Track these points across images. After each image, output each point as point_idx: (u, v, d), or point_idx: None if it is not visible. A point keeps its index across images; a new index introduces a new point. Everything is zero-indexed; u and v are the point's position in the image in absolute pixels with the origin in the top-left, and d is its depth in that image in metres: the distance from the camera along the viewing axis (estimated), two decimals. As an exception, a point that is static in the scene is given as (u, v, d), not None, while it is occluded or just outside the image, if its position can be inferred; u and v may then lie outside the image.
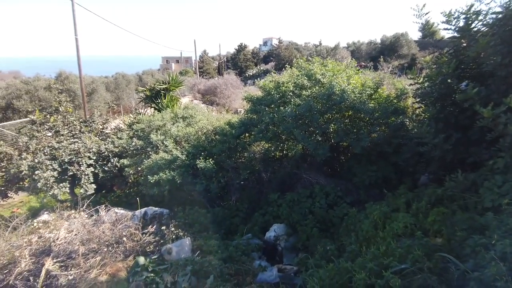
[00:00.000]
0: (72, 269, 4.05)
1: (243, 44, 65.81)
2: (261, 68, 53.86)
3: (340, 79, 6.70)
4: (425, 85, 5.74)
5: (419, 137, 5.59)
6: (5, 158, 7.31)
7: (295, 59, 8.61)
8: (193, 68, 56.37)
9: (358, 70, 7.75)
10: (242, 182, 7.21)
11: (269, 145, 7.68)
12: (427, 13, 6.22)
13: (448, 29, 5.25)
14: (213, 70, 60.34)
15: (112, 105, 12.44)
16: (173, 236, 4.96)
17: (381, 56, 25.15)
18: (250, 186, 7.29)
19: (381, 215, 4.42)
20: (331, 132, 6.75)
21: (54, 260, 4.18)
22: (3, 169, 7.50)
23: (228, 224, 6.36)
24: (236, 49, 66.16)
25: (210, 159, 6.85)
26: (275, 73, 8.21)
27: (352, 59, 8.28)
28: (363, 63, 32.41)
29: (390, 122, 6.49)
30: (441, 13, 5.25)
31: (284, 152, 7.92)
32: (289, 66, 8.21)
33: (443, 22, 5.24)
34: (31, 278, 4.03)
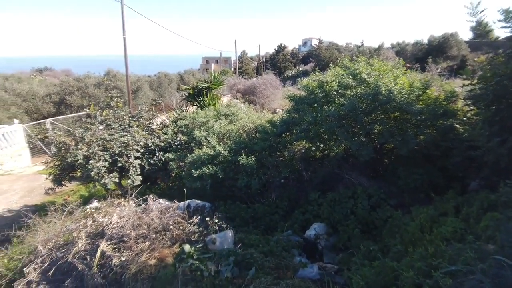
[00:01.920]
0: (124, 251, 4.33)
1: (282, 45, 65.84)
2: (300, 69, 53.55)
3: (386, 79, 6.56)
4: (478, 86, 5.49)
5: (471, 140, 5.36)
6: (63, 148, 7.90)
7: (339, 58, 8.53)
8: (232, 68, 57.27)
9: (406, 70, 7.53)
10: (282, 180, 7.27)
11: (310, 144, 7.68)
12: (482, 11, 5.94)
13: (506, 27, 5.01)
14: (251, 71, 60.91)
15: (159, 101, 13.08)
16: (216, 228, 5.13)
17: (429, 57, 24.02)
18: (290, 184, 7.33)
19: (428, 218, 4.30)
20: (375, 133, 6.63)
21: (108, 242, 4.49)
22: (61, 158, 8.11)
23: (267, 220, 6.44)
24: (275, 50, 66.32)
25: (252, 156, 6.98)
26: (318, 72, 8.18)
27: (399, 59, 8.06)
28: (408, 65, 31.21)
29: (439, 125, 6.27)
30: (498, 11, 5.02)
31: (325, 152, 7.88)
32: (333, 66, 8.15)
33: (500, 21, 5.01)
34: (87, 257, 4.36)
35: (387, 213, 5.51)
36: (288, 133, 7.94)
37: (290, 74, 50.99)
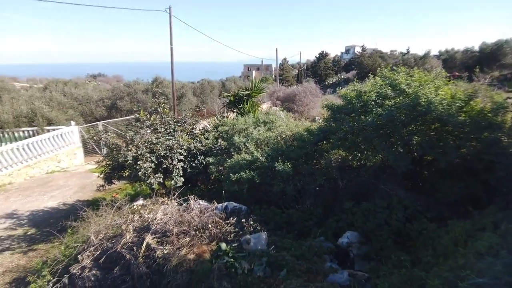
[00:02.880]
0: (167, 245, 4.72)
1: (324, 52, 65.51)
2: (342, 76, 52.88)
3: (427, 89, 6.47)
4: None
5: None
6: (115, 149, 8.60)
7: (379, 68, 8.50)
8: (273, 76, 57.81)
9: (449, 80, 7.35)
10: (317, 188, 7.39)
11: (346, 153, 7.72)
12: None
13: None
14: (292, 78, 61.09)
15: (202, 107, 13.71)
16: (251, 229, 5.39)
17: (477, 66, 22.67)
18: (325, 192, 7.42)
19: (463, 232, 4.24)
20: (414, 144, 6.55)
21: (153, 236, 4.90)
22: (112, 158, 8.83)
23: (301, 226, 6.58)
24: (316, 57, 66.10)
25: (288, 163, 7.17)
26: (357, 81, 8.22)
27: (441, 69, 7.88)
28: (456, 73, 29.74)
29: (483, 137, 6.05)
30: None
31: (362, 161, 7.88)
32: (372, 76, 8.16)
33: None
34: (134, 248, 4.80)
35: (422, 225, 5.43)
36: (325, 142, 8.05)
37: (331, 82, 50.50)
